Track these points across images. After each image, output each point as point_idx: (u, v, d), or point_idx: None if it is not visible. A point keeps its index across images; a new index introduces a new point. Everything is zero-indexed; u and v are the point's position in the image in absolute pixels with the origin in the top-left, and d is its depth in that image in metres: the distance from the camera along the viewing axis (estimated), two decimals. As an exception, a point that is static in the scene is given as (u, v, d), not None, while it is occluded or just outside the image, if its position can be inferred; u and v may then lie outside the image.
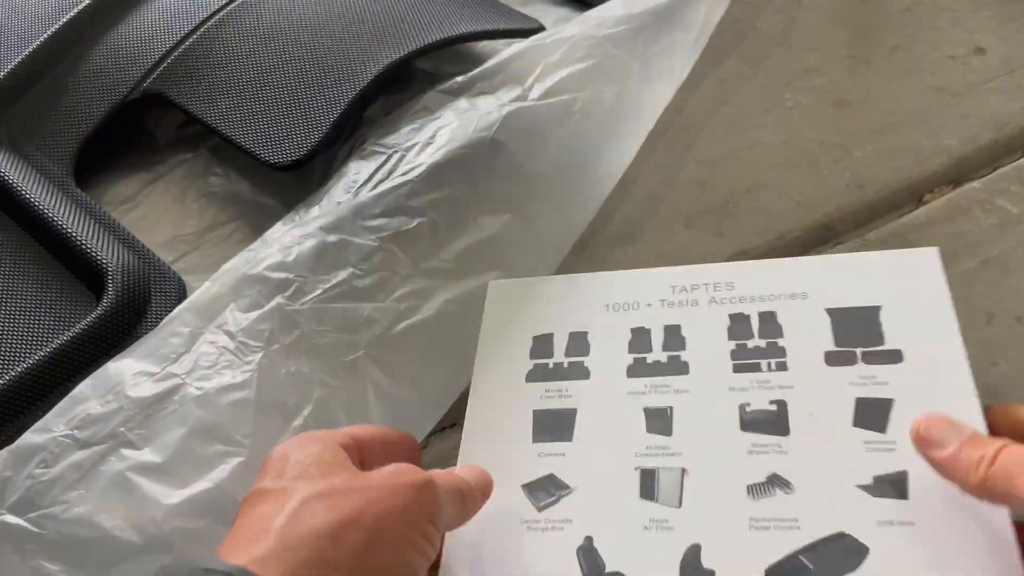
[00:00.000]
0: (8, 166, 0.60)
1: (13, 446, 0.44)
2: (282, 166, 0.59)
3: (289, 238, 0.51)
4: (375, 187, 0.53)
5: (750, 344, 0.43)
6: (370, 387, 0.47)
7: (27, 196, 0.59)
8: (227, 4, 0.67)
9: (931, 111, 0.63)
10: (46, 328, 0.55)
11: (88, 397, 0.45)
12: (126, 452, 0.44)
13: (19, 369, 0.50)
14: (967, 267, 0.54)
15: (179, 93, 0.63)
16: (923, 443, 0.35)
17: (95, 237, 0.57)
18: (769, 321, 0.43)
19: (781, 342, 0.42)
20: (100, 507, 0.43)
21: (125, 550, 0.43)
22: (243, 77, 0.63)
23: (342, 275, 0.49)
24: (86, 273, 0.57)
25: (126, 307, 0.53)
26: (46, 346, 0.51)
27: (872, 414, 0.39)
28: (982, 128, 0.61)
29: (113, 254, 0.56)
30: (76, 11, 0.66)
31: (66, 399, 0.45)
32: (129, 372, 0.46)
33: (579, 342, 0.46)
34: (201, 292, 0.49)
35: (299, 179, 0.61)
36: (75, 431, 0.45)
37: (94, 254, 0.56)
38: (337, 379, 0.47)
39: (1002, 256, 0.55)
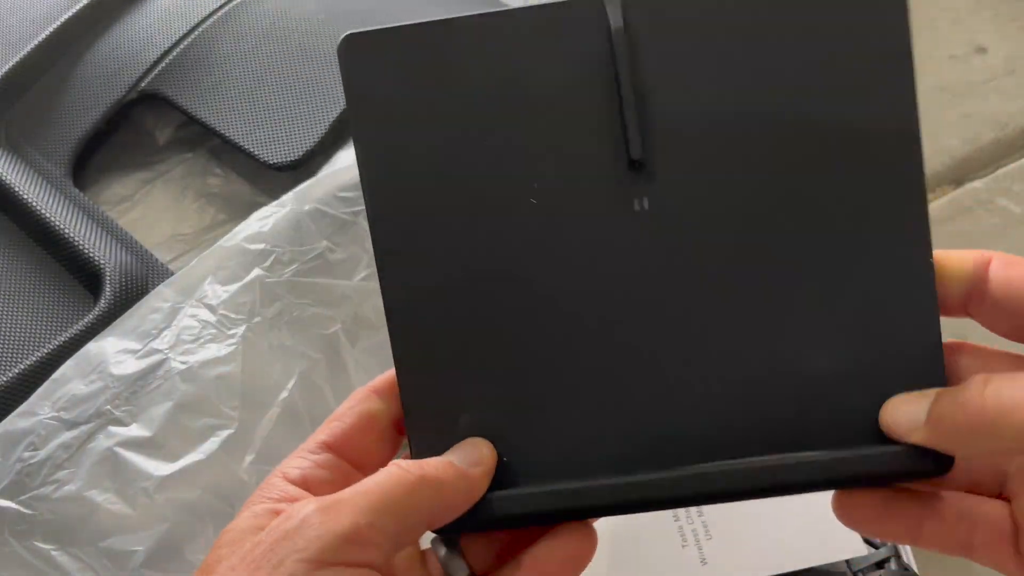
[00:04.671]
0: (6, 166, 0.61)
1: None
2: (281, 166, 0.59)
3: (265, 210, 0.51)
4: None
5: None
6: (351, 361, 0.47)
7: (25, 196, 0.59)
8: (225, 4, 0.67)
9: (932, 111, 0.62)
10: (43, 328, 0.55)
11: (71, 378, 0.45)
12: (114, 429, 0.44)
13: (16, 370, 0.50)
14: (969, 266, 0.54)
15: (177, 93, 0.64)
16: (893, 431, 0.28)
17: (92, 237, 0.57)
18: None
19: None
20: (90, 484, 0.43)
21: (118, 523, 0.43)
22: (241, 77, 0.63)
23: (318, 248, 0.49)
24: (83, 273, 0.57)
25: (123, 307, 0.53)
26: (43, 346, 0.51)
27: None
28: (983, 128, 0.61)
29: (110, 254, 0.56)
30: (74, 11, 0.67)
31: (49, 382, 0.45)
32: (111, 351, 0.46)
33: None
34: (181, 274, 0.49)
35: (298, 180, 0.61)
36: (61, 412, 0.45)
37: (91, 254, 0.56)
38: (319, 352, 0.47)
39: (1004, 256, 0.54)
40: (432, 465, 0.28)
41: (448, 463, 0.28)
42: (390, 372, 0.31)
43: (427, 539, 0.32)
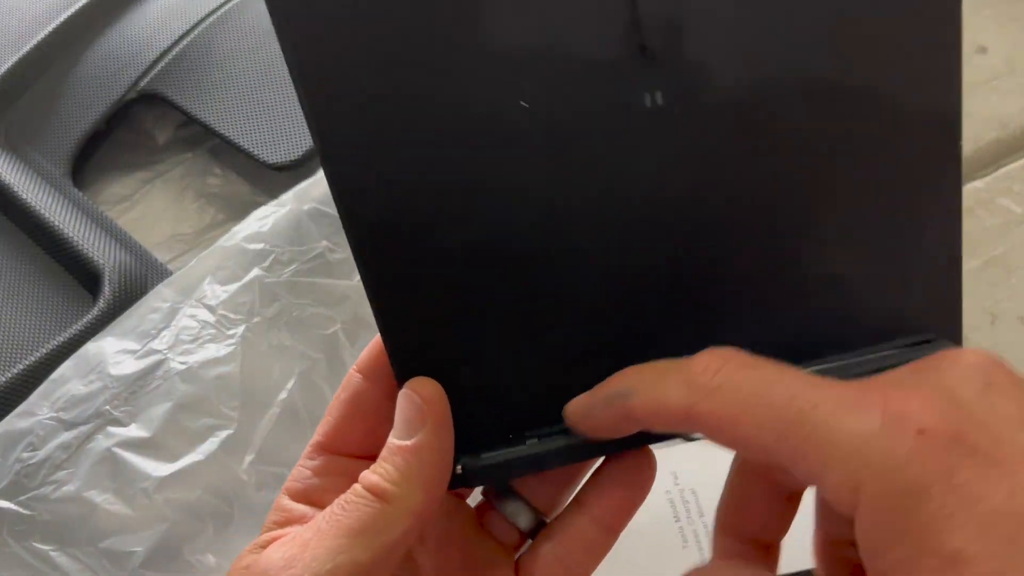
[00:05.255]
0: (5, 166, 0.61)
1: (-1, 432, 0.44)
2: (280, 166, 0.59)
3: (264, 209, 0.51)
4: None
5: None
6: (351, 361, 0.47)
7: (24, 196, 0.59)
8: (225, 3, 0.67)
9: (933, 111, 0.62)
10: (42, 328, 0.55)
11: (70, 378, 0.45)
12: (113, 430, 0.44)
13: (15, 370, 0.50)
14: (970, 267, 0.54)
15: (176, 93, 0.64)
16: None
17: (92, 237, 0.57)
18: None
19: None
20: (89, 484, 0.43)
21: (117, 523, 0.43)
22: (241, 77, 0.63)
23: (317, 248, 0.49)
24: (83, 273, 0.56)
25: (122, 307, 0.53)
26: (42, 346, 0.51)
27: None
28: (984, 128, 0.60)
29: (109, 254, 0.56)
30: (73, 11, 0.67)
31: (47, 382, 0.45)
32: (110, 351, 0.46)
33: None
34: (180, 274, 0.49)
35: (297, 179, 0.61)
36: (60, 413, 0.45)
37: (90, 254, 0.56)
38: (319, 352, 0.47)
39: (1005, 256, 0.54)
40: (381, 471, 0.25)
41: (393, 456, 0.26)
42: (371, 344, 0.29)
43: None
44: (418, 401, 0.26)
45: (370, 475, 0.25)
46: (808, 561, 0.42)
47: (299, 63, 0.24)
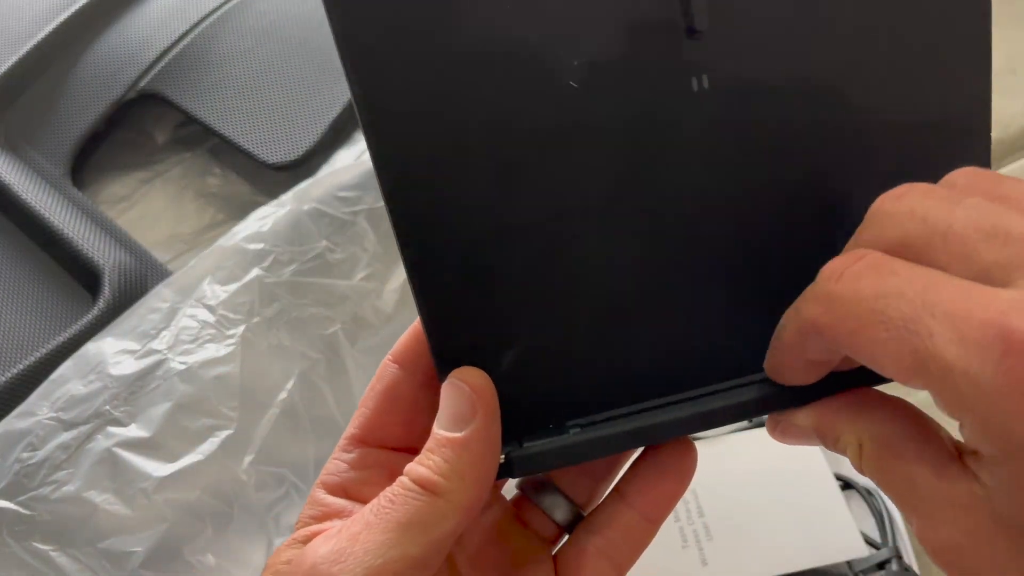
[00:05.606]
0: (4, 166, 0.61)
1: (-2, 432, 0.44)
2: (280, 166, 0.59)
3: (264, 209, 0.51)
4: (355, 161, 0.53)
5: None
6: (350, 361, 0.47)
7: (23, 196, 0.59)
8: (224, 3, 0.67)
9: (933, 111, 0.62)
10: (42, 328, 0.55)
11: (70, 378, 0.45)
12: (112, 430, 0.44)
13: (14, 370, 0.50)
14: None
15: (176, 93, 0.64)
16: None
17: (91, 237, 0.57)
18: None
19: None
20: (89, 484, 0.43)
21: (117, 523, 0.43)
22: (240, 76, 0.63)
23: (317, 248, 0.49)
24: (82, 273, 0.56)
25: (122, 307, 0.53)
26: (42, 346, 0.51)
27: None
28: (984, 127, 0.60)
29: (109, 254, 0.56)
30: (72, 11, 0.67)
31: (47, 382, 0.45)
32: (110, 351, 0.46)
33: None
34: (180, 274, 0.49)
35: (297, 179, 0.61)
36: (59, 413, 0.45)
37: (90, 254, 0.56)
38: (318, 352, 0.47)
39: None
40: (430, 463, 0.24)
41: (442, 448, 0.25)
42: (407, 333, 0.28)
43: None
44: (468, 391, 0.25)
45: (418, 467, 0.24)
46: (807, 561, 0.42)
47: (343, 27, 0.23)
